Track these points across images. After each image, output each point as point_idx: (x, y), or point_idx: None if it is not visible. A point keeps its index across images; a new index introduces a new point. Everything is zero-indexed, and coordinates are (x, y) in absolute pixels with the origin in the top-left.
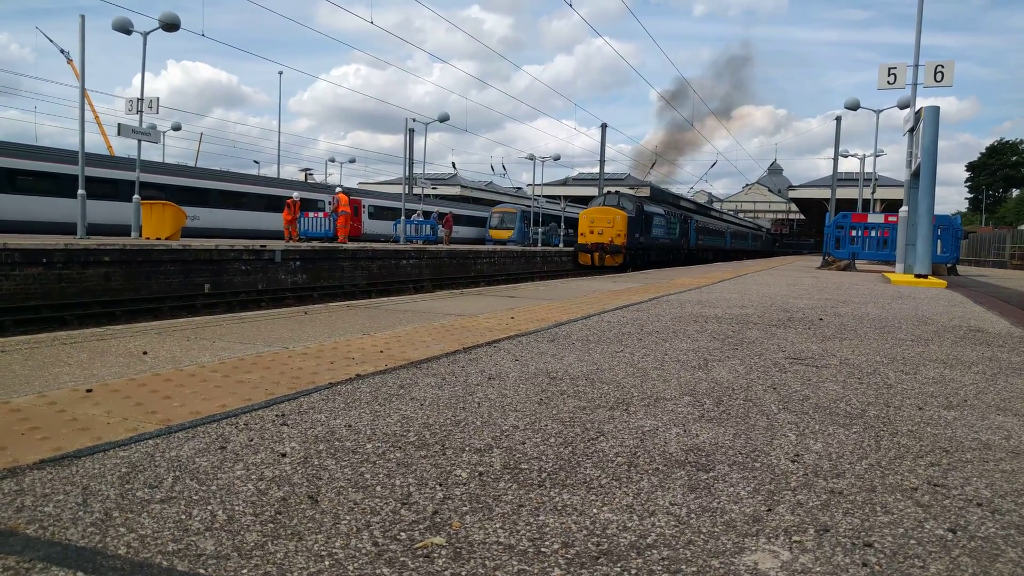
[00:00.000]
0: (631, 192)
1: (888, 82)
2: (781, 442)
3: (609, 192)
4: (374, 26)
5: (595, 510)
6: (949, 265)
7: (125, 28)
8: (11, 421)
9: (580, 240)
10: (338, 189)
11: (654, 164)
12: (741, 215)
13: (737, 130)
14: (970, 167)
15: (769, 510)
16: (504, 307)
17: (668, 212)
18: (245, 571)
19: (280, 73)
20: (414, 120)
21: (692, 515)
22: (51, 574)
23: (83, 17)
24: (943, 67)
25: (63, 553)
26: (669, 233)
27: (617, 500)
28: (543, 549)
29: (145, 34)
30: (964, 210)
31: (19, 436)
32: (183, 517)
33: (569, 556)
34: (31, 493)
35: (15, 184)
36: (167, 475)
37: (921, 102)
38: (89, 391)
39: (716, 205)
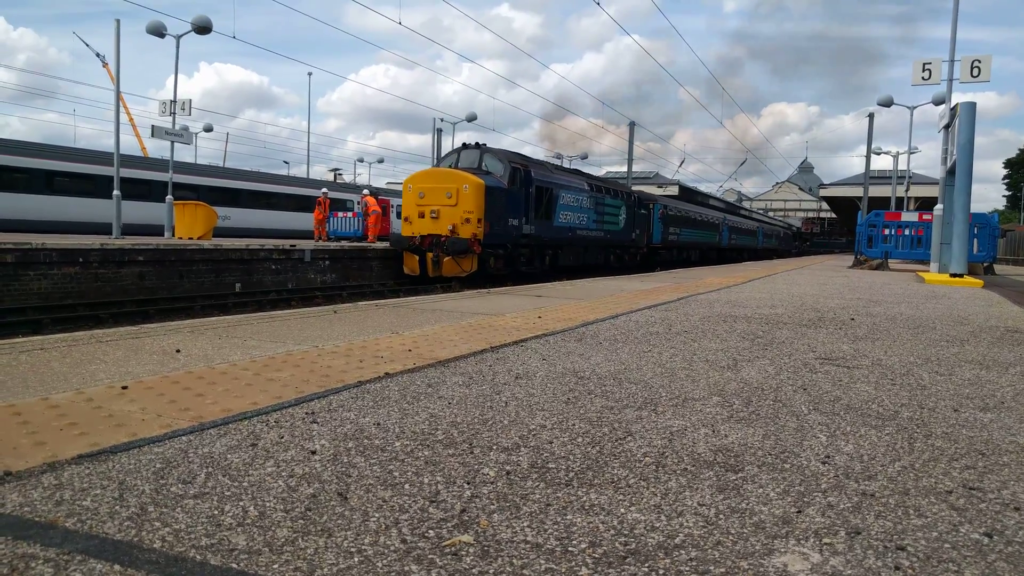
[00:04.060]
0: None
1: (923, 78)
2: (811, 443)
3: (466, 145)
4: (402, 26)
5: (623, 510)
6: (986, 264)
7: (159, 32)
8: (50, 417)
9: (403, 230)
10: (365, 192)
11: (683, 163)
12: (771, 214)
13: (768, 127)
14: (1008, 164)
15: (799, 512)
16: (531, 306)
17: (600, 186)
18: (276, 566)
19: (309, 74)
20: (442, 120)
21: (720, 516)
22: (89, 566)
23: (118, 21)
24: (980, 62)
25: (101, 546)
26: (604, 222)
27: (645, 500)
28: (571, 548)
29: (178, 37)
30: (1002, 208)
31: (58, 432)
32: (215, 513)
33: (597, 555)
34: (70, 487)
35: (52, 185)
36: (200, 471)
37: (958, 97)
38: (124, 388)
39: (746, 204)
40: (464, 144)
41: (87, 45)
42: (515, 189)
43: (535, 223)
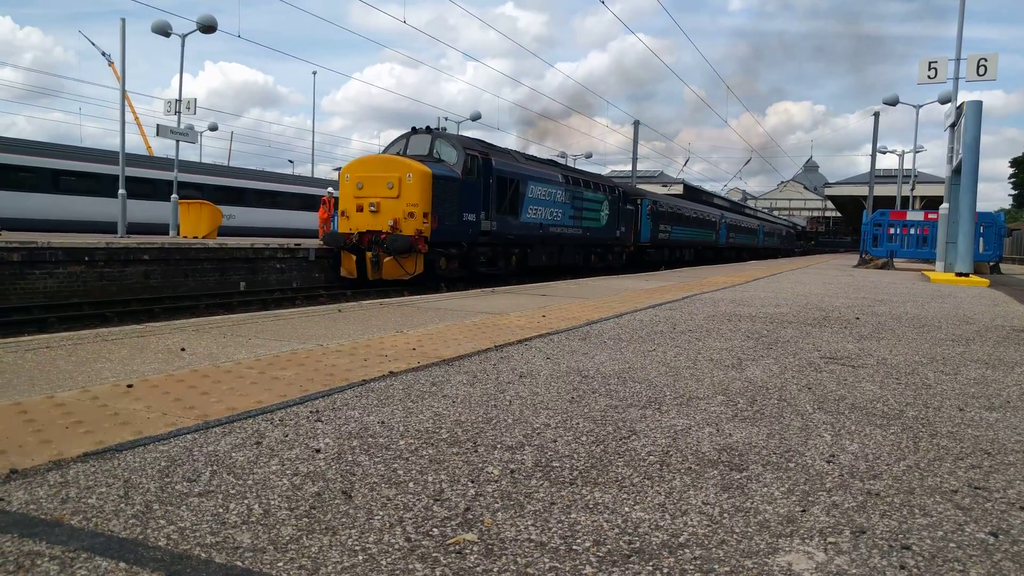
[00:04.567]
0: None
1: (929, 76)
2: (816, 442)
3: (415, 129)
4: (407, 25)
5: (627, 508)
6: (991, 263)
7: (164, 31)
8: (56, 415)
9: (340, 226)
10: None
11: (687, 161)
12: (776, 213)
13: (773, 126)
14: (1014, 163)
15: (804, 511)
16: (535, 305)
17: (577, 179)
18: (281, 564)
19: (314, 73)
20: (446, 119)
21: (725, 515)
22: (95, 564)
23: (124, 20)
24: (986, 60)
25: (106, 544)
26: (583, 218)
27: (649, 499)
28: (575, 547)
29: (183, 36)
30: (1008, 207)
31: (63, 430)
32: (220, 511)
33: (601, 554)
34: (75, 485)
35: (58, 184)
36: (205, 469)
37: (965, 96)
38: (130, 386)
39: (750, 203)
40: (413, 128)
41: (93, 44)
42: (472, 180)
43: (497, 218)
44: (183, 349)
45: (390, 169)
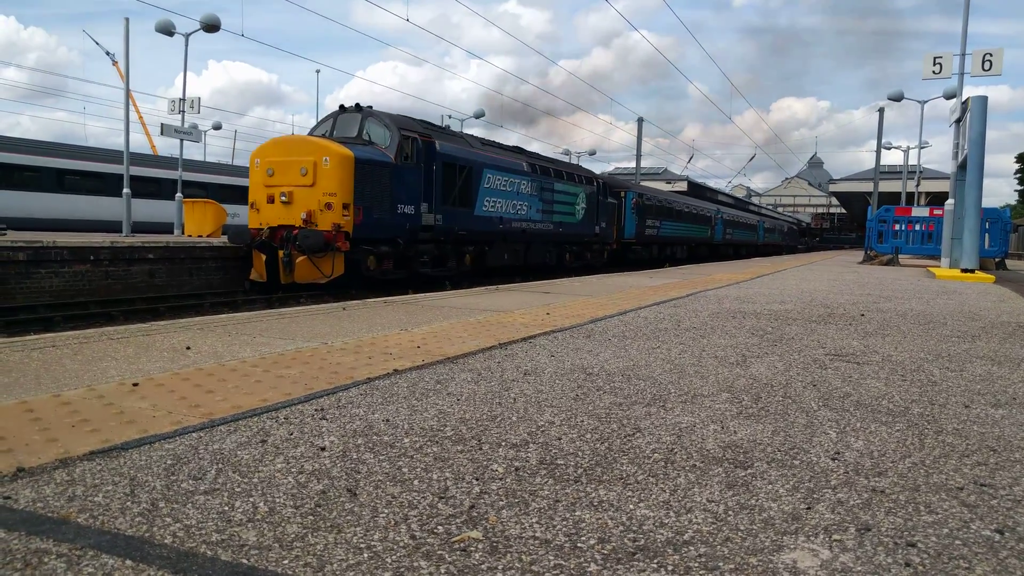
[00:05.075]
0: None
1: (934, 72)
2: (821, 439)
3: (344, 108)
4: (410, 23)
5: (631, 506)
6: (997, 260)
7: (168, 30)
8: (62, 414)
9: (250, 221)
10: None
11: (692, 158)
12: (780, 209)
13: (777, 123)
14: (1021, 158)
15: (809, 508)
16: (539, 303)
17: (548, 169)
18: (286, 562)
19: (317, 71)
20: (450, 117)
21: (730, 512)
22: (102, 562)
23: (127, 20)
24: (992, 55)
25: (113, 542)
26: (555, 212)
27: (654, 496)
28: (579, 544)
29: (187, 35)
30: (1014, 202)
31: (70, 428)
32: (226, 508)
33: (606, 552)
34: (82, 483)
35: (63, 184)
36: (210, 467)
37: (970, 91)
38: (135, 385)
39: (754, 199)
40: (341, 107)
41: (97, 43)
42: (409, 166)
43: (444, 211)
44: (188, 348)
45: (304, 152)
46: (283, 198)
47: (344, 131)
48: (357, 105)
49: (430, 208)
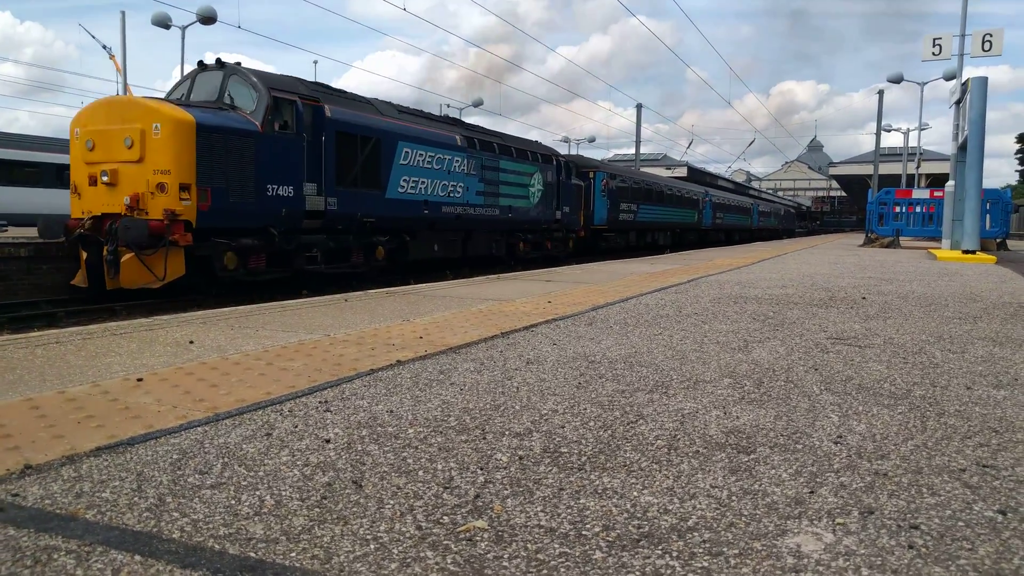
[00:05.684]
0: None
1: (933, 53)
2: (823, 423)
3: (204, 66)
4: (407, 12)
5: (635, 493)
6: (999, 240)
7: (164, 23)
8: (68, 410)
9: (72, 209)
10: None
11: (691, 143)
12: (780, 193)
13: (777, 106)
14: (1021, 138)
15: (812, 492)
16: (541, 291)
17: (490, 143)
18: (293, 554)
19: (315, 62)
20: (448, 106)
21: (733, 497)
22: (110, 557)
23: (124, 13)
24: (991, 36)
25: (121, 537)
26: (500, 195)
27: (657, 483)
28: (584, 532)
29: (183, 28)
30: (1014, 183)
31: (75, 424)
32: (233, 502)
33: (610, 539)
34: (89, 479)
35: (63, 179)
36: (216, 461)
37: (970, 72)
38: (140, 380)
39: (754, 184)
40: (201, 63)
41: (93, 37)
42: (286, 136)
43: (340, 193)
44: (191, 342)
45: (129, 118)
46: (105, 178)
47: (203, 94)
48: (219, 60)
49: (319, 189)
